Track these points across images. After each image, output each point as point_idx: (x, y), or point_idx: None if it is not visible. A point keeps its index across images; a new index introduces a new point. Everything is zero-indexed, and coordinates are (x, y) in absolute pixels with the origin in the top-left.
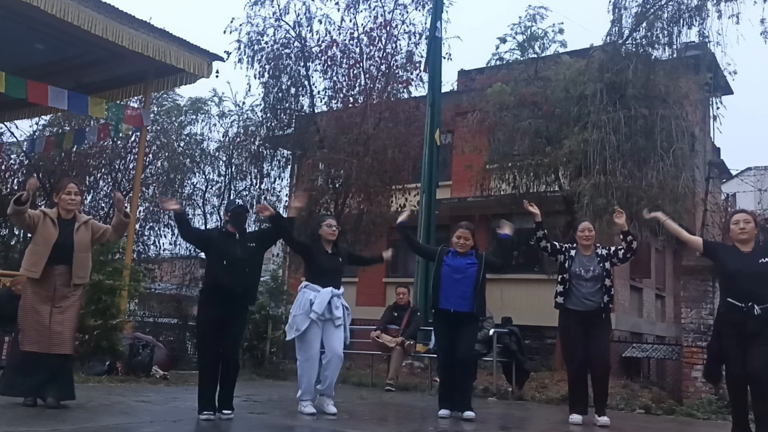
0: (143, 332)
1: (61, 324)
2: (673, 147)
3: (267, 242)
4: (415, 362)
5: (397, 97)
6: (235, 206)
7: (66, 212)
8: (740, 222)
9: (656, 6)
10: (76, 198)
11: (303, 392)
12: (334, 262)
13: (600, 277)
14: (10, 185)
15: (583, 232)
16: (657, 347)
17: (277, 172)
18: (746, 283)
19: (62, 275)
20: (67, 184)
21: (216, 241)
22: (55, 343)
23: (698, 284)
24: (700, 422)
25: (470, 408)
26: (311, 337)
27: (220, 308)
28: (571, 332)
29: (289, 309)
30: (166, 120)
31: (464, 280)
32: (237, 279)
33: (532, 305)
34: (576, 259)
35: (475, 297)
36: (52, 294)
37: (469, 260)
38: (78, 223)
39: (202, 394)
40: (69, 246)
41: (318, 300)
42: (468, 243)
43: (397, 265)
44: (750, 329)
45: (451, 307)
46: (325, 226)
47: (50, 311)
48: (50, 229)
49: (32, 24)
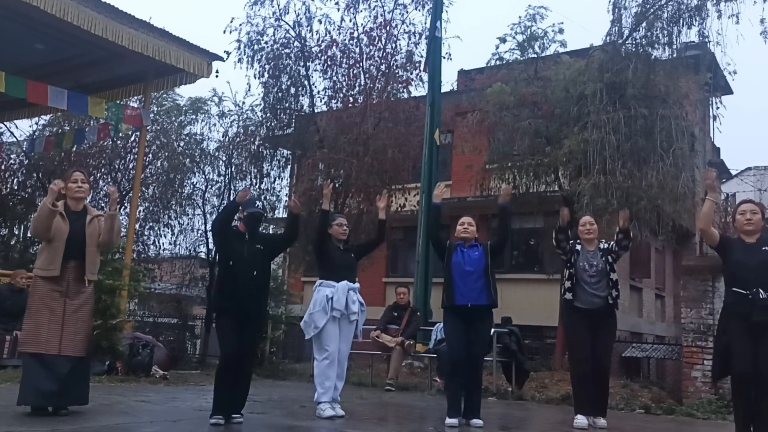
0: (143, 332)
1: (74, 324)
2: (673, 147)
3: (281, 246)
4: (415, 362)
5: (397, 97)
6: (255, 209)
7: (75, 202)
8: (747, 212)
9: (656, 6)
10: (83, 186)
11: (321, 394)
12: (346, 258)
13: (604, 272)
14: (10, 185)
15: (585, 226)
16: (657, 347)
17: (277, 172)
18: (751, 273)
19: (75, 270)
20: (73, 173)
21: (227, 243)
22: (68, 345)
23: (698, 284)
24: (699, 422)
25: (479, 416)
26: (329, 335)
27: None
28: (578, 331)
29: (289, 309)
30: (166, 120)
31: (476, 272)
32: (243, 281)
33: (532, 305)
34: (581, 254)
35: (488, 287)
36: (65, 290)
37: (476, 251)
38: (90, 216)
39: (214, 398)
40: (80, 240)
41: (336, 295)
42: (472, 228)
43: (397, 265)
44: (756, 318)
45: (468, 302)
46: (336, 225)
47: (63, 309)
48: (60, 224)
49: (32, 24)
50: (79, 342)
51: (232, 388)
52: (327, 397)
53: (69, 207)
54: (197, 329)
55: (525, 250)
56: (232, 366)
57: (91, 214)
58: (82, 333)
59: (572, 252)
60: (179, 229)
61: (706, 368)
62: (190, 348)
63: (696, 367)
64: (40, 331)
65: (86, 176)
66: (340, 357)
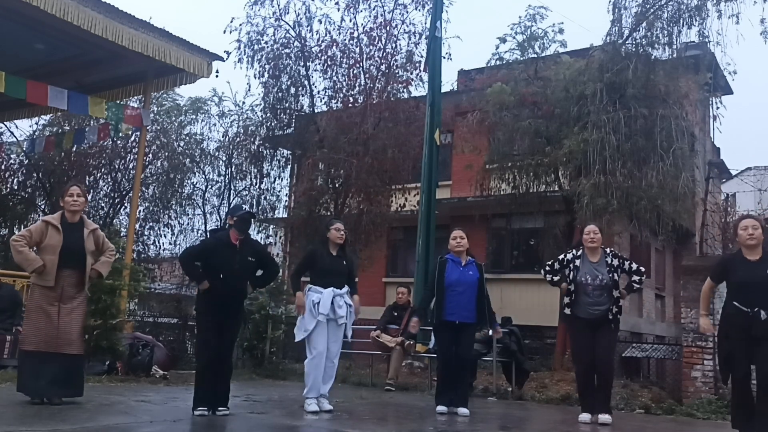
0: (143, 332)
1: (69, 324)
2: (673, 147)
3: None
4: (415, 362)
5: (397, 97)
6: (243, 212)
7: (71, 215)
8: (749, 228)
9: (656, 6)
10: (79, 199)
11: (309, 390)
12: (336, 264)
13: (608, 287)
14: (10, 185)
15: (589, 235)
16: (657, 347)
17: (277, 172)
18: (754, 292)
19: (69, 277)
20: (71, 187)
21: (215, 252)
22: (63, 344)
23: (698, 284)
24: (699, 422)
25: (466, 405)
26: (318, 336)
27: (216, 315)
28: (580, 335)
29: (289, 309)
30: (166, 120)
31: (467, 292)
32: (231, 290)
33: (532, 305)
34: (581, 268)
35: (478, 309)
36: (59, 295)
37: (470, 270)
38: (87, 229)
39: (197, 393)
40: (77, 251)
41: (322, 301)
42: (464, 241)
43: (396, 265)
44: (756, 332)
45: (456, 319)
46: (333, 229)
47: (58, 311)
48: (54, 236)
49: (32, 24)
50: (75, 341)
51: (214, 384)
52: (314, 393)
53: (66, 219)
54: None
55: (525, 250)
56: (212, 366)
57: (88, 227)
58: (77, 332)
59: (571, 268)
60: (179, 229)
61: (706, 368)
62: (190, 348)
63: (696, 367)
64: (38, 332)
65: (83, 190)
66: (330, 356)
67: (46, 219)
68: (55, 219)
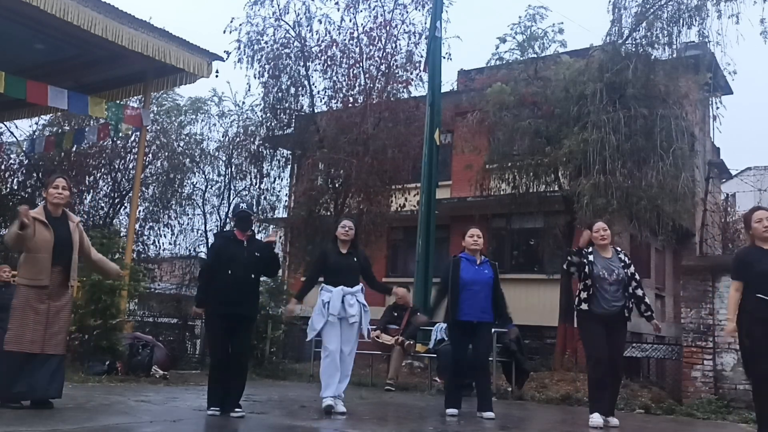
0: (143, 332)
1: (56, 324)
2: (673, 147)
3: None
4: (415, 362)
5: (397, 97)
6: (240, 210)
7: (54, 207)
8: (764, 220)
9: (656, 6)
10: (64, 192)
11: (324, 389)
12: (346, 262)
13: (623, 282)
14: (10, 185)
15: (599, 232)
16: (657, 347)
17: (276, 172)
18: None
19: (59, 274)
20: (55, 179)
21: (223, 249)
22: (50, 344)
23: (698, 284)
24: (699, 422)
25: (492, 408)
26: (328, 336)
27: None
28: (595, 333)
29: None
30: (166, 120)
31: (483, 291)
32: (239, 284)
33: (532, 305)
34: (596, 263)
35: (494, 308)
36: (49, 293)
37: (485, 269)
38: (72, 222)
39: (209, 392)
40: (66, 246)
41: (331, 301)
42: (481, 240)
43: (396, 265)
44: None
45: (473, 319)
46: (340, 227)
47: (48, 310)
48: (44, 232)
49: (32, 24)
50: (60, 341)
51: (227, 385)
52: (330, 392)
53: (50, 212)
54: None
55: (525, 250)
56: (224, 367)
57: (72, 221)
58: (62, 332)
59: (587, 262)
60: (179, 229)
61: (706, 368)
62: (190, 348)
63: (696, 367)
64: (25, 331)
65: (68, 183)
66: (343, 356)
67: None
68: (39, 214)
